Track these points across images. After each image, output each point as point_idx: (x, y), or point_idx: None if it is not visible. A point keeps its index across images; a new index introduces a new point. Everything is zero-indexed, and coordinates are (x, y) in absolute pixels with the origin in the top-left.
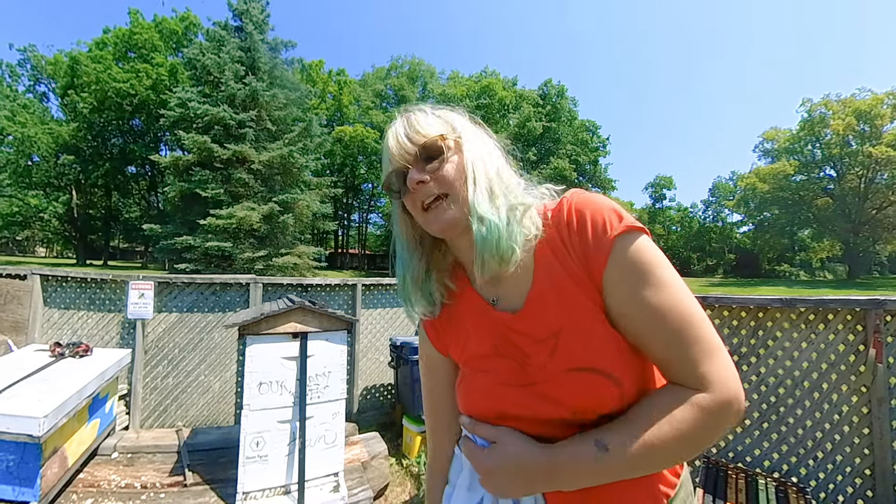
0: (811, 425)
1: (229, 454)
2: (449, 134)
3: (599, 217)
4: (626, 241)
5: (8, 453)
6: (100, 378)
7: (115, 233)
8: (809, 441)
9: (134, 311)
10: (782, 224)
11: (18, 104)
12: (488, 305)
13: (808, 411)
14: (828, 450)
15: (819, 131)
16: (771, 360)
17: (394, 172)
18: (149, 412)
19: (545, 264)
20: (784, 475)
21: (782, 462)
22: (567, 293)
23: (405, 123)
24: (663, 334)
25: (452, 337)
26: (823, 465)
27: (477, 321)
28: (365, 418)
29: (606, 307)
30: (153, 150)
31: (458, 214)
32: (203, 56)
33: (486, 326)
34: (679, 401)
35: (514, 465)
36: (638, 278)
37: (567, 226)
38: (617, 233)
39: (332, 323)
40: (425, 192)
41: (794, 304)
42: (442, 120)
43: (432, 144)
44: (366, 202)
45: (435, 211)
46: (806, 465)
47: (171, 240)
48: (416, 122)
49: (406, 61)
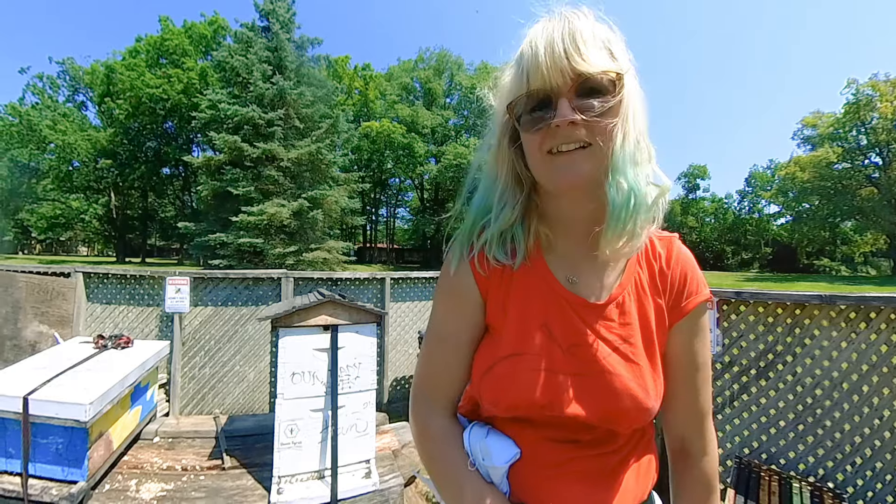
0: (849, 429)
1: (265, 440)
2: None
3: (695, 280)
4: (704, 309)
5: (57, 437)
6: (141, 368)
7: (152, 231)
8: (847, 446)
9: (171, 305)
10: (823, 215)
11: (59, 113)
12: (557, 282)
13: (847, 414)
14: (867, 456)
15: (865, 115)
16: (808, 360)
17: (533, 93)
18: (187, 400)
19: (636, 276)
20: (820, 480)
21: (818, 466)
22: (646, 316)
23: (567, 33)
24: (693, 381)
25: (500, 297)
26: (862, 471)
27: (541, 293)
28: (395, 408)
29: (665, 347)
30: (186, 152)
31: (595, 171)
32: (231, 58)
33: (548, 301)
34: (706, 484)
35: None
36: (697, 336)
37: (668, 274)
38: (702, 300)
39: (361, 316)
40: (568, 136)
41: (833, 300)
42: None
43: (599, 80)
44: (393, 196)
45: (569, 160)
46: (843, 471)
47: (204, 237)
48: (582, 37)
49: (433, 54)
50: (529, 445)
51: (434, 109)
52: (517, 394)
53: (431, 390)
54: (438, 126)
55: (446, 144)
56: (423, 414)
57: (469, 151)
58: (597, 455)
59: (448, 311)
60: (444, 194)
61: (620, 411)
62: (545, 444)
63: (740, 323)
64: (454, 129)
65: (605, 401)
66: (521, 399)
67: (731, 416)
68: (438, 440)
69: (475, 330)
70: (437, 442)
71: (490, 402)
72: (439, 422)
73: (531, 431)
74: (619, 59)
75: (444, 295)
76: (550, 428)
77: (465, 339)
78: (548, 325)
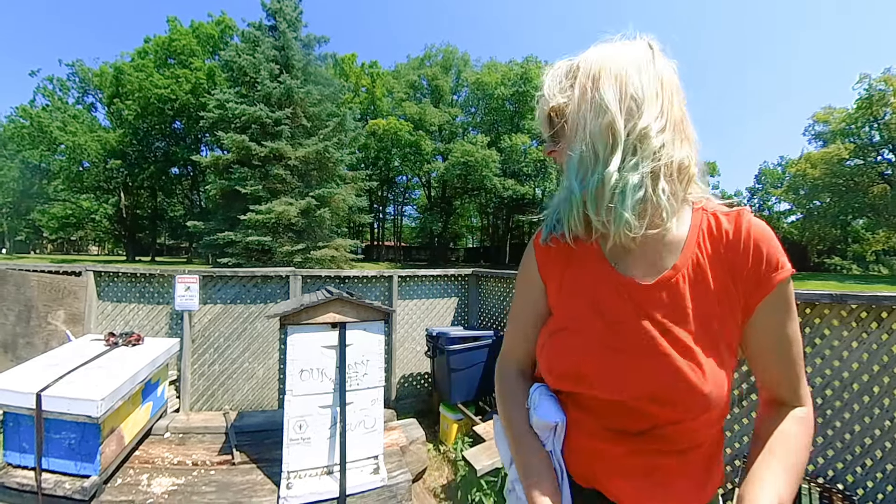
0: (859, 430)
1: (274, 436)
2: (555, 102)
3: (773, 254)
4: (788, 283)
5: (70, 432)
6: (151, 365)
7: (161, 230)
8: (857, 447)
9: (181, 303)
10: (834, 213)
11: (69, 115)
12: (608, 262)
13: (857, 415)
14: (877, 457)
15: (878, 110)
16: (818, 360)
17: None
18: (197, 396)
19: (694, 257)
20: (829, 481)
21: (827, 467)
22: (708, 297)
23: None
24: (787, 357)
25: (559, 270)
26: (872, 473)
27: (593, 274)
28: (403, 405)
29: (746, 326)
30: (194, 151)
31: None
32: (239, 57)
33: (598, 280)
34: (800, 423)
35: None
36: (786, 313)
37: (740, 251)
38: (783, 277)
39: (369, 313)
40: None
41: (844, 299)
42: (559, 85)
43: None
44: (400, 194)
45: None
46: (853, 473)
47: (213, 235)
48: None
49: (440, 50)
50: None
51: (441, 107)
52: (563, 363)
53: (504, 357)
54: (446, 123)
55: (453, 142)
56: (499, 374)
57: (476, 149)
58: (649, 451)
59: (518, 293)
60: (451, 192)
61: (668, 392)
62: (598, 431)
63: None
64: (461, 126)
65: (651, 380)
66: (567, 368)
67: (740, 415)
68: (505, 392)
69: (537, 309)
70: (503, 393)
71: (545, 373)
72: (507, 380)
73: (586, 418)
74: (564, 91)
75: (518, 278)
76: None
77: (528, 319)
78: (597, 303)
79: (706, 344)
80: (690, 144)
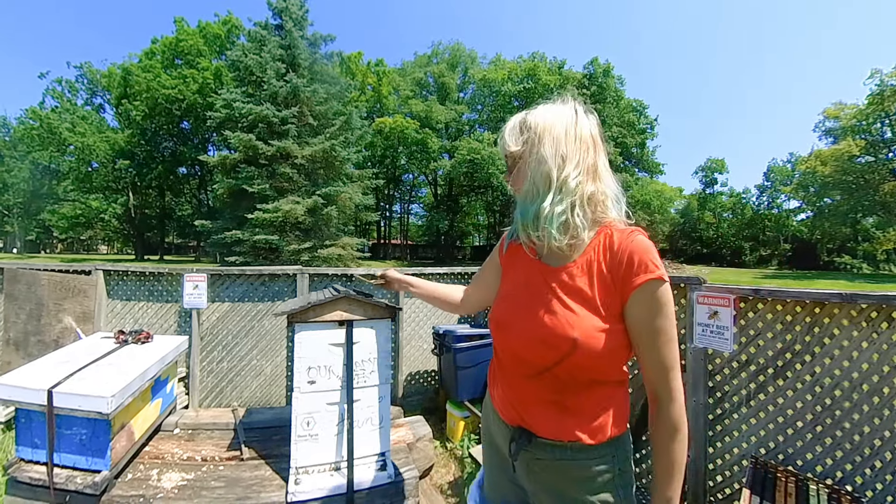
0: (869, 432)
1: (282, 432)
2: (513, 149)
3: (643, 262)
4: (657, 284)
5: (81, 428)
6: (160, 362)
7: (170, 230)
8: (867, 449)
9: (189, 301)
10: (844, 211)
11: (78, 116)
12: (535, 256)
13: (866, 416)
14: (887, 459)
15: (889, 106)
16: (827, 360)
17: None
18: (206, 393)
19: (589, 257)
20: (838, 483)
21: (836, 469)
22: (592, 283)
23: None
24: (657, 351)
25: (511, 262)
26: (882, 475)
27: (525, 263)
28: (410, 403)
29: (626, 317)
30: (202, 151)
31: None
32: (245, 57)
33: (527, 266)
34: (670, 426)
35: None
36: (656, 311)
37: (617, 256)
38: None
39: (376, 311)
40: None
41: (854, 299)
42: (515, 135)
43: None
44: (407, 192)
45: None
46: (862, 474)
47: (221, 234)
48: (505, 131)
49: (447, 47)
50: (504, 382)
51: (448, 104)
52: (496, 313)
53: (465, 296)
54: (452, 121)
55: (460, 139)
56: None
57: (483, 146)
58: (549, 389)
59: (485, 264)
60: (457, 190)
61: (550, 336)
62: (513, 379)
63: (758, 321)
64: (468, 123)
65: (542, 326)
66: (497, 316)
67: (748, 415)
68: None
69: (487, 278)
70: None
71: (489, 320)
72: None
73: (505, 372)
74: (517, 142)
75: (489, 256)
76: (515, 366)
77: (481, 279)
78: (525, 280)
79: (586, 309)
80: (599, 181)
